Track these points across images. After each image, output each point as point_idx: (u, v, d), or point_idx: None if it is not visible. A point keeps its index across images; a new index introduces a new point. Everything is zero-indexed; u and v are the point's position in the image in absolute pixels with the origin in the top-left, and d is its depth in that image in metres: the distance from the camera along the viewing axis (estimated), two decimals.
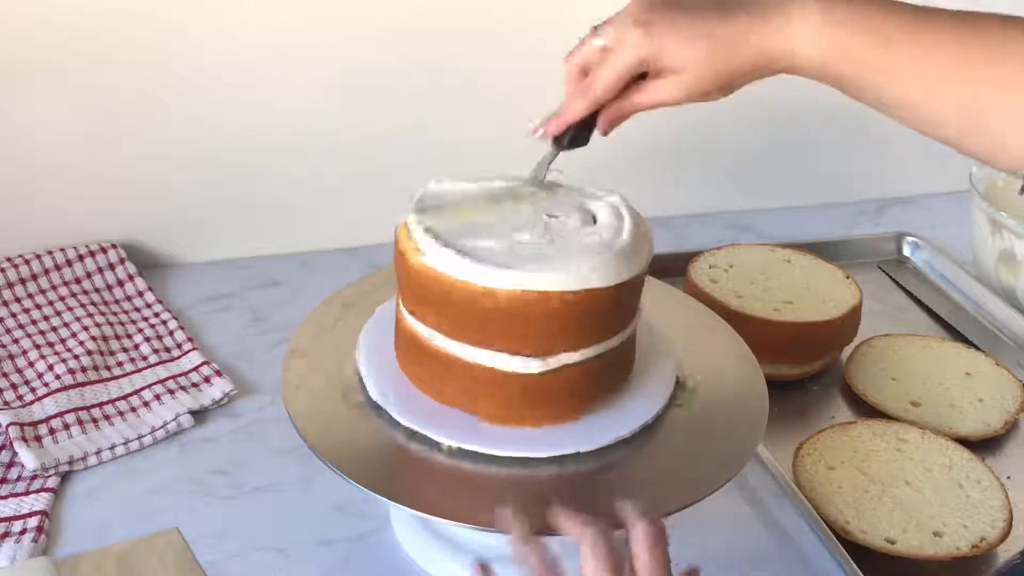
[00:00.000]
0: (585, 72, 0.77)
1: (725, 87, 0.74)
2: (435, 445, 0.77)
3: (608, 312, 0.77)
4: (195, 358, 1.04)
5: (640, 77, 0.75)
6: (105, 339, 1.06)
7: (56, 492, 0.89)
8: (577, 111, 0.77)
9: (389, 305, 0.89)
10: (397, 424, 0.79)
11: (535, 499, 0.74)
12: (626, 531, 0.67)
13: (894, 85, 0.71)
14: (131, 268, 1.16)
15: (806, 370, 1.09)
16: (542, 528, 0.70)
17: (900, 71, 0.70)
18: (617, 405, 0.81)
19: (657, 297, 0.91)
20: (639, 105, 0.76)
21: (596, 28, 0.76)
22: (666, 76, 0.74)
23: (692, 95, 0.74)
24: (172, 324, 1.09)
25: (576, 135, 0.78)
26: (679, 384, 0.85)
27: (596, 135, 0.79)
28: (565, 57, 0.78)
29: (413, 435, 0.78)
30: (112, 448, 0.94)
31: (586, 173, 0.83)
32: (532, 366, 0.76)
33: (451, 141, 1.23)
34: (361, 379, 0.83)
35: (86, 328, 1.06)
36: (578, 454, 0.78)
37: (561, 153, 0.80)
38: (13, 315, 1.08)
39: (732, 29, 0.72)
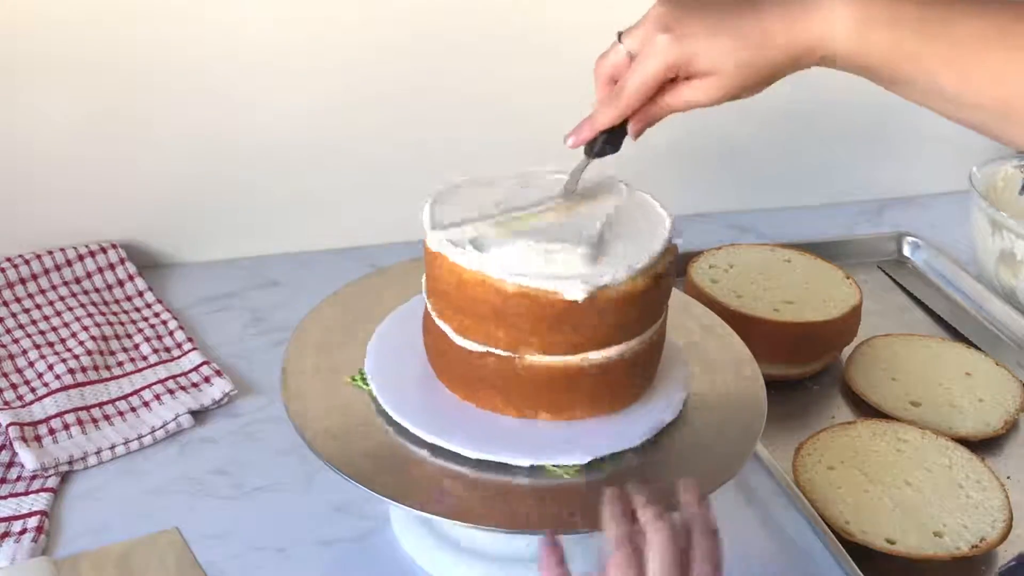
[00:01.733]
0: (614, 79, 0.75)
1: (758, 85, 0.74)
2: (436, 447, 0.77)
3: (632, 311, 0.77)
4: (195, 358, 1.04)
5: (671, 80, 0.74)
6: (105, 339, 1.06)
7: (56, 492, 0.89)
8: (606, 119, 0.75)
9: (392, 307, 0.89)
10: (398, 425, 0.79)
11: (537, 501, 0.74)
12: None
13: (931, 76, 0.69)
14: (131, 268, 1.16)
15: (806, 370, 1.09)
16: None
17: (938, 62, 0.69)
18: (635, 407, 0.82)
19: None
20: (671, 108, 0.75)
21: (622, 34, 0.75)
22: (698, 78, 0.73)
23: (725, 96, 0.73)
24: (172, 324, 1.09)
25: (607, 142, 0.77)
26: None
27: (627, 141, 0.78)
28: (595, 63, 0.76)
29: (415, 437, 0.78)
30: (112, 448, 0.94)
31: (586, 174, 0.82)
32: (567, 361, 0.76)
33: (452, 142, 1.23)
34: (364, 379, 0.83)
35: (86, 328, 1.06)
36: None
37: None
38: (13, 315, 1.08)
39: (762, 26, 0.71)
